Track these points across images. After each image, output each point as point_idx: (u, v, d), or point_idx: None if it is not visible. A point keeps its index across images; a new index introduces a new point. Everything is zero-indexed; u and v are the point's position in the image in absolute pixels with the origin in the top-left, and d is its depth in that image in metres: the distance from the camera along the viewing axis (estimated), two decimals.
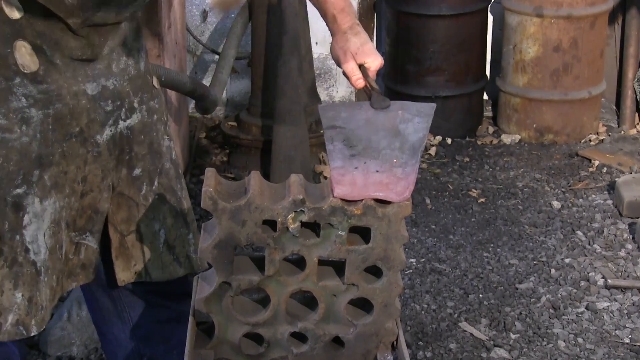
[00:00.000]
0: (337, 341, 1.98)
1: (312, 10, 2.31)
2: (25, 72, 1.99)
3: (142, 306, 2.40)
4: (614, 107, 5.35)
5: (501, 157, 4.92)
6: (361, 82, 2.16)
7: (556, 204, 4.38)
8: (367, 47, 2.17)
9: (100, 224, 2.16)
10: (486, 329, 3.46)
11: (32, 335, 2.06)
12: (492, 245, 4.04)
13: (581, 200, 4.43)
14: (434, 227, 4.21)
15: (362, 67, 2.17)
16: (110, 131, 2.12)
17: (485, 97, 5.36)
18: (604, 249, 4.00)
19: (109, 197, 2.15)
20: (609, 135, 5.13)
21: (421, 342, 3.39)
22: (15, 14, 1.96)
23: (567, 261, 3.90)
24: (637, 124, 5.27)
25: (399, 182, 1.88)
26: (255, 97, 4.73)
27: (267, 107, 4.58)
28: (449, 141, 5.08)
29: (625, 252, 3.97)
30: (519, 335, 3.42)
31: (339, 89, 5.45)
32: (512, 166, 4.80)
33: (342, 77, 5.31)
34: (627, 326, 3.47)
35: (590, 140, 5.08)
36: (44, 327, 2.09)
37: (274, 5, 4.40)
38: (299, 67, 4.32)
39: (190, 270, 2.32)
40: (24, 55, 1.98)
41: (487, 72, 5.32)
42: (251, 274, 1.91)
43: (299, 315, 1.96)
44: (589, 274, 3.81)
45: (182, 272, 2.30)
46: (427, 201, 4.44)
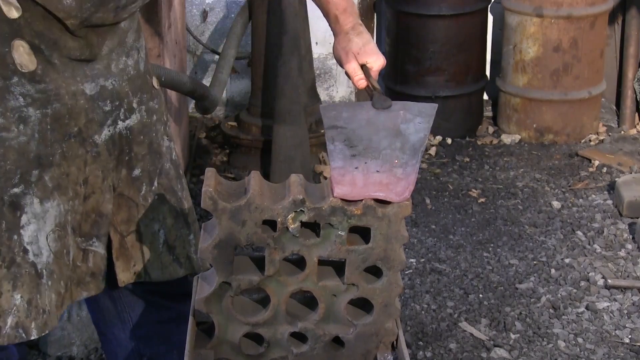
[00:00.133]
0: (337, 341, 1.98)
1: (312, 10, 2.31)
2: (23, 71, 1.98)
3: (142, 306, 2.39)
4: (614, 107, 5.35)
5: (501, 157, 4.92)
6: (363, 82, 2.15)
7: (556, 204, 4.38)
8: (369, 47, 2.16)
9: (105, 227, 2.15)
10: (486, 329, 3.46)
11: (32, 339, 2.05)
12: (492, 245, 4.04)
13: (581, 200, 4.43)
14: (434, 227, 4.20)
15: (364, 67, 2.17)
16: (109, 131, 2.12)
17: (485, 97, 5.36)
18: (604, 249, 4.00)
19: (111, 199, 2.15)
20: (609, 135, 5.13)
21: (421, 342, 3.38)
22: (13, 13, 1.96)
23: (567, 261, 3.90)
24: (637, 124, 5.26)
25: (399, 182, 1.87)
26: (255, 97, 4.73)
27: (267, 107, 4.58)
28: (449, 141, 5.07)
29: (625, 252, 3.97)
30: (519, 335, 3.42)
31: (339, 89, 5.44)
32: (512, 166, 4.80)
33: (342, 77, 5.31)
34: (627, 326, 3.47)
35: (590, 140, 5.08)
36: (47, 332, 2.08)
37: (274, 5, 4.40)
38: (299, 67, 4.32)
39: (190, 270, 2.32)
40: (22, 54, 1.98)
41: (487, 72, 5.32)
42: (251, 274, 1.91)
43: (299, 315, 1.96)
44: (589, 274, 3.80)
45: (183, 272, 2.30)
46: (427, 201, 4.44)
